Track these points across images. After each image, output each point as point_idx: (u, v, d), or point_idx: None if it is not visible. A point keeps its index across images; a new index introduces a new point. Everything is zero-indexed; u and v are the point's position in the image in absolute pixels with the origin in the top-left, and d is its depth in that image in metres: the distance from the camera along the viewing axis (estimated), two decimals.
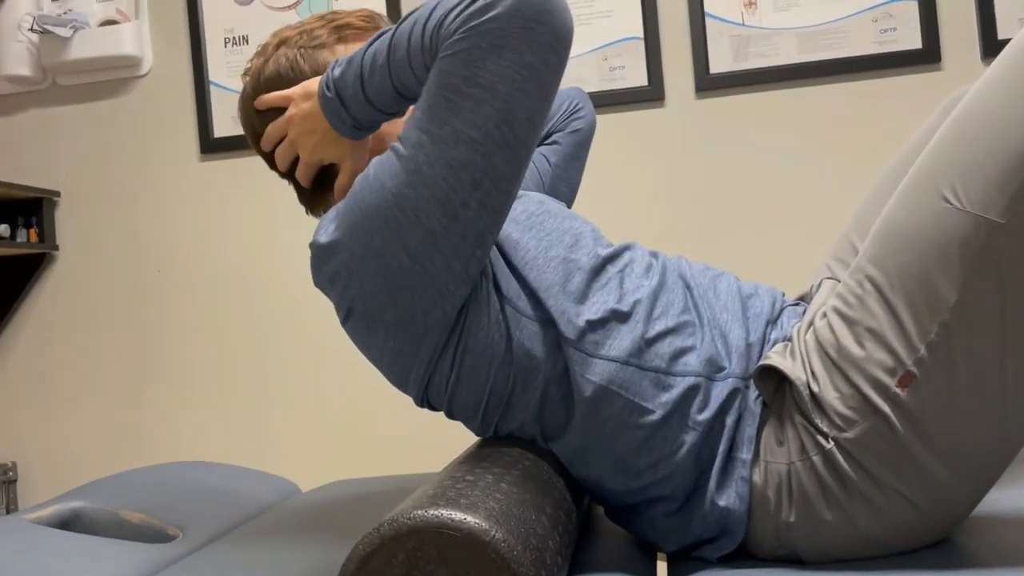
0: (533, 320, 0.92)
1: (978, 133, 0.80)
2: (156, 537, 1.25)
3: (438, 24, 0.85)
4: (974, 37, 2.09)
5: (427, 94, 0.86)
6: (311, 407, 2.35)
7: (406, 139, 0.88)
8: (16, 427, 2.48)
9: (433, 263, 0.87)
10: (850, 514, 0.84)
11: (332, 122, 0.98)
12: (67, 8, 2.42)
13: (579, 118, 1.32)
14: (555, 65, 0.85)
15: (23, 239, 2.39)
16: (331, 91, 0.96)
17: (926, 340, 0.80)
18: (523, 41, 0.82)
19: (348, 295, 0.91)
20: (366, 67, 0.93)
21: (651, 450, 0.90)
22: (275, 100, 1.04)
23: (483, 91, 0.83)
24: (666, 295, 0.95)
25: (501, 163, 0.85)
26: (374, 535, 0.68)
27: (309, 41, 1.06)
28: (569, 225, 0.99)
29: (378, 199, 0.87)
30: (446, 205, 0.85)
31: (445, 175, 0.85)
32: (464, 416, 0.97)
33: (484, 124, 0.83)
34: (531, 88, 0.84)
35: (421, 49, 0.88)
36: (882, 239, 0.85)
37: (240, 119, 1.12)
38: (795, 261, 2.13)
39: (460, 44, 0.83)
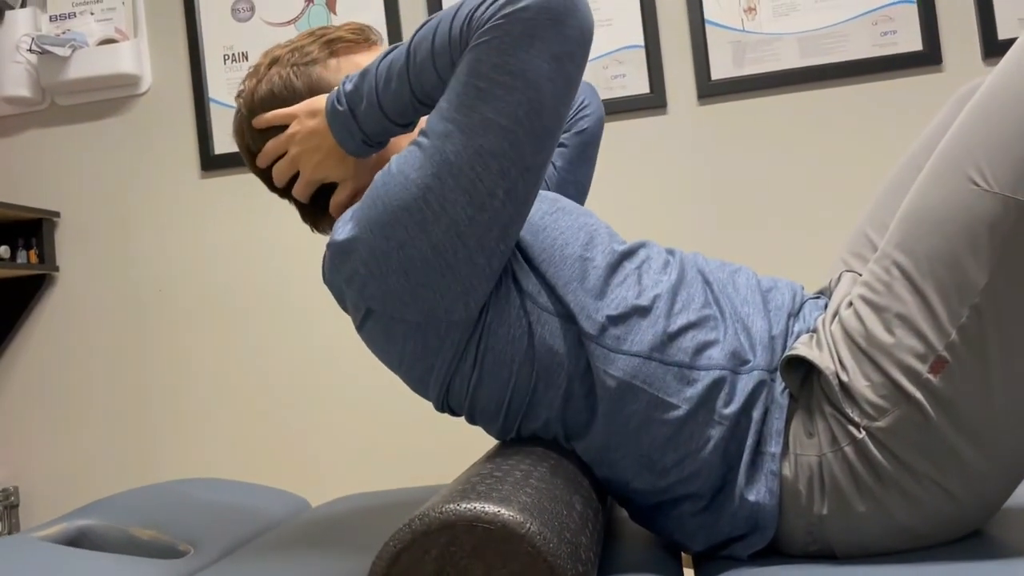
0: (554, 315, 0.90)
1: (1004, 115, 0.80)
2: (167, 553, 1.23)
3: (468, 17, 0.86)
4: (974, 38, 2.09)
5: (455, 84, 0.86)
6: (319, 423, 2.33)
7: (431, 130, 0.87)
8: (18, 450, 2.45)
9: (456, 257, 0.86)
10: (885, 505, 0.82)
11: (340, 138, 0.97)
12: (65, 28, 2.42)
13: (585, 116, 1.30)
14: (580, 60, 0.86)
15: (23, 260, 2.37)
16: (343, 104, 0.96)
17: (957, 324, 0.79)
18: (552, 33, 0.83)
19: (367, 295, 0.90)
20: (381, 75, 0.93)
21: (677, 446, 0.88)
22: (276, 118, 1.04)
23: (513, 78, 0.83)
24: (686, 290, 0.94)
25: (529, 152, 0.85)
26: (405, 531, 0.66)
27: (301, 58, 1.06)
28: (584, 222, 0.98)
29: (402, 191, 0.86)
30: (472, 195, 0.85)
31: (473, 163, 0.84)
32: (486, 418, 0.95)
33: (514, 111, 0.84)
34: (559, 79, 0.85)
35: (449, 44, 0.88)
36: (908, 224, 0.84)
37: (235, 139, 1.11)
38: (802, 264, 2.13)
39: (492, 32, 0.83)
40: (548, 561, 0.64)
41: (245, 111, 1.08)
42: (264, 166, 1.07)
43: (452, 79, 0.87)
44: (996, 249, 0.78)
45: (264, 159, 1.06)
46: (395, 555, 0.66)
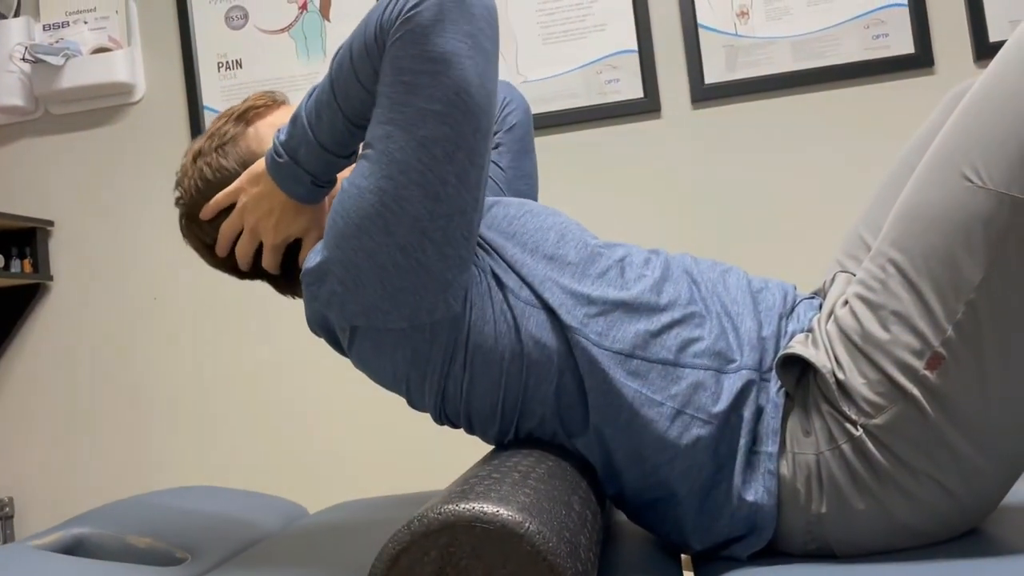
0: (537, 308, 0.91)
1: (997, 112, 0.80)
2: (164, 561, 1.22)
3: (377, 25, 0.89)
4: (966, 40, 2.10)
5: (383, 88, 0.88)
6: (315, 429, 2.32)
7: (372, 138, 0.89)
8: (12, 461, 2.44)
9: (426, 254, 0.87)
10: (883, 502, 0.82)
11: (290, 189, 0.98)
12: (59, 37, 2.41)
13: (511, 112, 1.31)
14: (492, 34, 0.89)
15: (17, 269, 2.37)
16: (282, 156, 0.97)
17: (953, 320, 0.79)
18: (459, 14, 0.86)
19: (348, 312, 0.90)
20: (311, 113, 0.95)
21: (664, 445, 0.88)
22: (222, 200, 1.04)
23: (435, 63, 0.85)
24: (671, 287, 0.94)
25: (469, 132, 0.87)
26: (404, 532, 0.66)
27: (221, 140, 1.07)
28: (553, 221, 0.99)
29: (359, 202, 0.88)
30: (426, 186, 0.86)
31: (419, 155, 0.86)
32: (482, 421, 0.95)
33: (444, 95, 0.85)
34: (478, 56, 0.87)
35: (367, 55, 0.90)
36: (903, 222, 0.84)
37: (188, 242, 1.11)
38: (796, 266, 2.13)
39: (403, 27, 0.86)
40: (548, 560, 0.64)
41: (186, 211, 1.08)
42: (224, 252, 1.07)
43: (379, 85, 0.88)
44: (991, 245, 0.78)
45: (223, 244, 1.06)
46: (395, 556, 0.66)
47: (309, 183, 0.98)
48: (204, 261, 1.12)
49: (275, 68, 2.35)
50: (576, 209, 2.23)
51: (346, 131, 0.94)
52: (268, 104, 1.10)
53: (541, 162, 2.24)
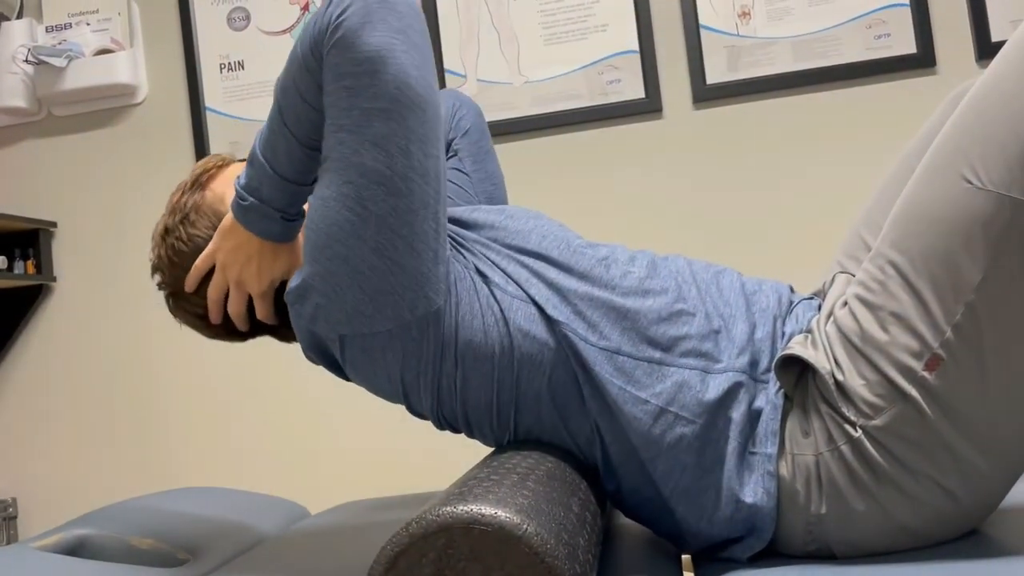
0: (525, 301, 0.92)
1: (997, 113, 0.80)
2: (166, 562, 1.22)
3: (310, 42, 0.90)
4: (968, 40, 2.10)
5: (328, 99, 0.89)
6: (317, 431, 2.32)
7: (326, 149, 0.90)
8: (16, 462, 2.45)
9: (398, 251, 0.87)
10: (883, 503, 0.82)
11: (262, 230, 0.99)
12: (61, 38, 2.42)
13: (462, 117, 1.32)
14: (421, 30, 0.90)
15: (20, 271, 2.37)
16: (246, 199, 0.98)
17: (952, 322, 0.79)
18: (386, 13, 0.87)
19: (333, 322, 0.91)
20: (266, 148, 0.96)
21: (648, 443, 0.89)
22: (201, 265, 1.04)
23: (372, 63, 0.86)
24: (657, 285, 0.94)
25: (416, 124, 0.87)
26: (402, 534, 0.66)
27: (183, 212, 1.07)
28: (535, 224, 1.00)
29: (325, 212, 0.89)
30: (386, 184, 0.87)
31: (373, 154, 0.87)
32: (479, 420, 0.95)
33: (385, 91, 0.86)
34: (411, 49, 0.88)
35: (308, 74, 0.91)
36: (902, 223, 0.84)
37: (181, 320, 1.12)
38: (798, 267, 2.13)
39: (334, 35, 0.87)
40: (546, 562, 0.64)
41: (170, 289, 1.09)
42: (218, 317, 1.07)
43: (324, 97, 0.90)
44: (990, 246, 0.78)
45: (214, 309, 1.06)
46: (393, 559, 0.66)
47: (279, 219, 0.98)
48: (203, 336, 1.12)
49: (277, 69, 2.35)
50: (577, 209, 2.23)
51: (304, 156, 0.95)
52: (219, 164, 1.11)
53: (544, 163, 2.25)
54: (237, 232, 1.00)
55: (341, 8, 0.88)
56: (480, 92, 2.25)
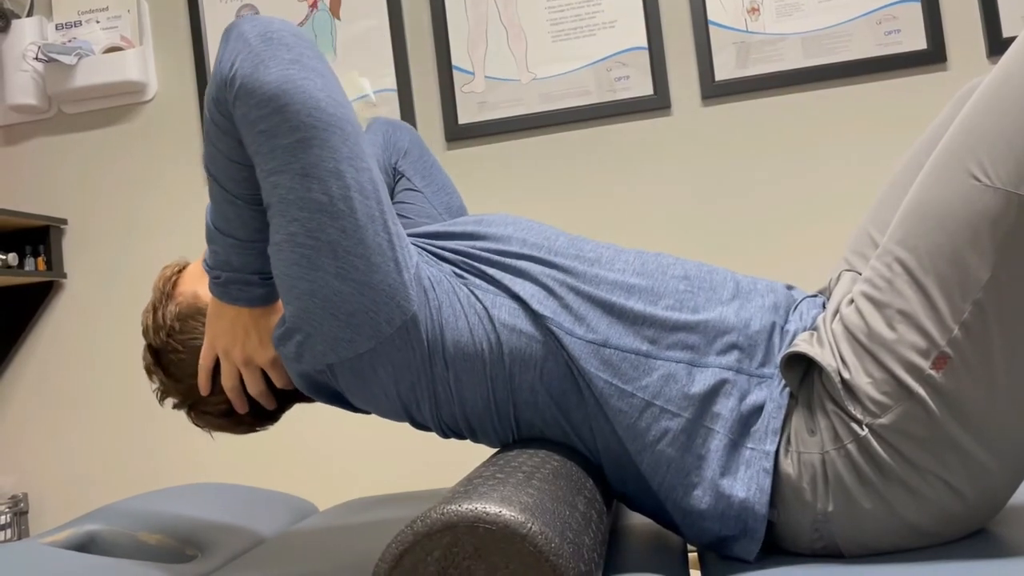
0: (507, 297, 0.92)
1: (1005, 111, 0.79)
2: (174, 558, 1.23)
3: (214, 105, 0.91)
4: (979, 36, 2.09)
5: (249, 149, 0.90)
6: (326, 427, 2.33)
7: (265, 197, 0.91)
8: (27, 457, 2.46)
9: (359, 270, 0.88)
10: (890, 502, 0.82)
11: (246, 298, 0.99)
12: (71, 36, 2.43)
13: (398, 140, 1.31)
14: (314, 54, 0.91)
15: (31, 268, 2.38)
16: (220, 276, 0.99)
17: (959, 320, 0.79)
18: (273, 49, 0.88)
19: (318, 354, 0.92)
20: (218, 220, 0.97)
21: (635, 436, 0.89)
22: (205, 363, 1.05)
23: (276, 99, 0.86)
24: (645, 281, 0.94)
25: (339, 143, 0.88)
26: (407, 532, 0.66)
27: (167, 328, 1.07)
28: (514, 229, 1.00)
29: (280, 257, 0.90)
30: (326, 210, 0.87)
31: (307, 185, 0.87)
32: (480, 420, 0.95)
33: (298, 122, 0.87)
34: (310, 74, 0.88)
35: (225, 134, 0.92)
36: (910, 221, 0.84)
37: (209, 428, 1.12)
38: (806, 264, 2.12)
39: (232, 88, 0.88)
40: (551, 561, 0.64)
41: (188, 402, 1.10)
42: (244, 406, 1.07)
43: (248, 151, 0.90)
44: (998, 244, 0.78)
45: (236, 400, 1.06)
46: (397, 556, 0.66)
47: (258, 281, 0.99)
48: (237, 434, 1.13)
49: None
50: (586, 206, 2.23)
51: (255, 215, 0.95)
52: (176, 271, 1.12)
53: (552, 160, 2.25)
54: (225, 312, 1.01)
55: (231, 61, 0.89)
56: (488, 89, 2.25)
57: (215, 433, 1.24)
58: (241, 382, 1.05)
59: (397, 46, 2.30)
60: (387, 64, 2.31)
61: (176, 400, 1.11)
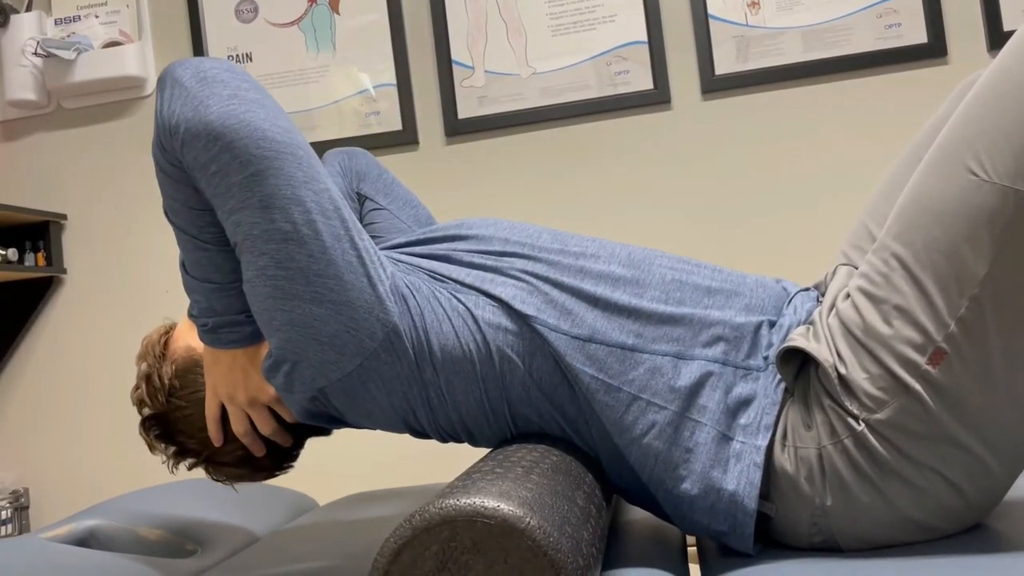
0: (488, 298, 0.92)
1: (1003, 106, 0.79)
2: (175, 552, 1.23)
3: (163, 156, 0.91)
4: (979, 29, 2.08)
5: (206, 192, 0.89)
6: None
7: (230, 237, 0.90)
8: (27, 453, 2.47)
9: (333, 291, 0.88)
10: (887, 496, 0.82)
11: (237, 339, 0.99)
12: (70, 31, 2.43)
13: (354, 165, 1.30)
14: (251, 85, 0.91)
15: (31, 263, 2.38)
16: (207, 324, 0.98)
17: (956, 315, 0.79)
18: (208, 88, 0.88)
19: (307, 382, 0.92)
20: (193, 268, 0.96)
21: (622, 430, 0.89)
22: (212, 413, 1.05)
23: (222, 137, 0.86)
24: (631, 274, 0.94)
25: (293, 168, 0.88)
26: (405, 527, 0.66)
27: (164, 388, 1.07)
28: (494, 231, 1.00)
29: (255, 292, 0.90)
30: (292, 238, 0.87)
31: (269, 217, 0.87)
32: (476, 421, 0.95)
33: (247, 156, 0.86)
34: (252, 106, 0.88)
35: (179, 184, 0.92)
36: (907, 215, 0.84)
37: (233, 478, 1.11)
38: (806, 258, 2.12)
39: (176, 136, 0.88)
40: (549, 555, 0.64)
41: (204, 456, 1.09)
42: (261, 450, 1.07)
43: (205, 195, 0.90)
44: (995, 239, 0.78)
45: (252, 444, 1.06)
46: (396, 551, 0.66)
47: (245, 320, 0.98)
48: (258, 481, 1.13)
49: (285, 61, 2.35)
50: (585, 201, 2.23)
51: (226, 258, 0.95)
52: (162, 333, 1.11)
53: (552, 154, 2.25)
54: (220, 358, 1.01)
55: (169, 109, 0.88)
56: (488, 83, 2.25)
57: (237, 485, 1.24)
58: (253, 425, 1.04)
59: (396, 40, 2.30)
60: (386, 59, 2.30)
61: (191, 459, 1.10)
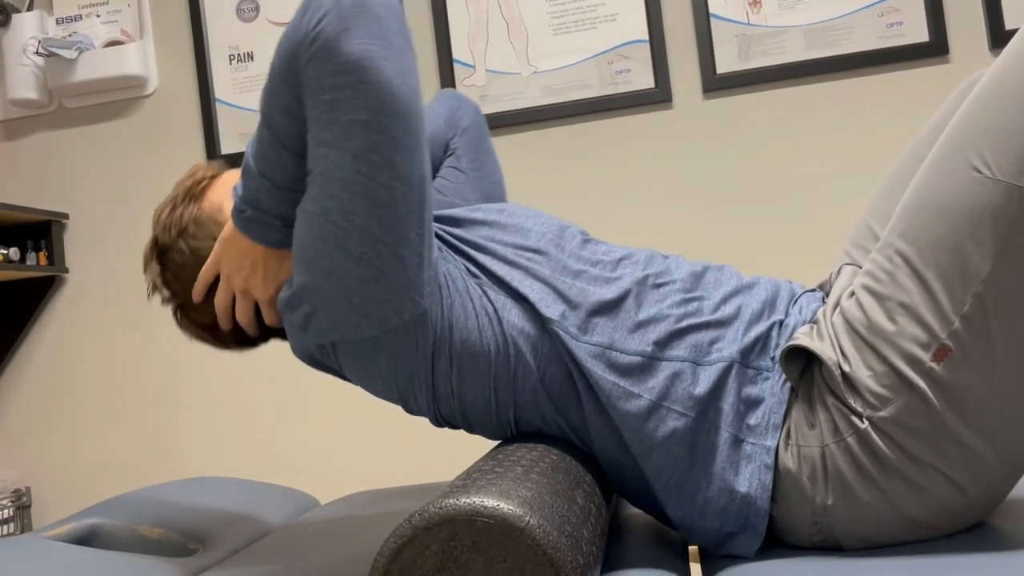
0: (517, 300, 0.92)
1: (1007, 103, 0.79)
2: (176, 551, 1.23)
3: (288, 54, 0.88)
4: (981, 28, 2.08)
5: (310, 112, 0.87)
6: (327, 421, 2.33)
7: (311, 162, 0.89)
8: (29, 452, 2.47)
9: (383, 259, 0.87)
10: (889, 495, 0.82)
11: (264, 238, 0.98)
12: (72, 31, 2.43)
13: (461, 116, 1.29)
14: (401, 32, 0.87)
15: (32, 262, 2.38)
16: (246, 210, 0.97)
17: (960, 312, 0.79)
18: (363, 19, 0.84)
19: (323, 330, 0.92)
20: (258, 158, 0.94)
21: (643, 437, 0.88)
22: (206, 275, 1.03)
23: (352, 73, 0.84)
24: (651, 281, 0.94)
25: (400, 133, 0.86)
26: (406, 527, 0.66)
27: (181, 226, 1.06)
28: (533, 223, 0.99)
29: (308, 226, 0.89)
30: (370, 197, 0.86)
31: (356, 168, 0.85)
32: (479, 416, 0.95)
33: (367, 102, 0.84)
34: (392, 54, 0.85)
35: (286, 87, 0.89)
36: (911, 213, 0.83)
37: (190, 334, 1.10)
38: (808, 257, 2.12)
39: (311, 48, 0.85)
40: (549, 554, 0.64)
41: (177, 302, 1.08)
42: (228, 325, 1.06)
43: (306, 110, 0.88)
44: (999, 236, 0.77)
45: (223, 317, 1.05)
46: (396, 550, 0.66)
47: (280, 227, 0.97)
48: (214, 347, 1.11)
49: None
50: (586, 200, 2.22)
51: (295, 164, 0.94)
52: (207, 176, 1.09)
53: (553, 153, 2.24)
54: (239, 241, 1.00)
55: (317, 17, 0.85)
56: (489, 82, 2.25)
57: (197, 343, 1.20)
58: (233, 305, 1.04)
59: None
60: None
61: (165, 298, 1.09)
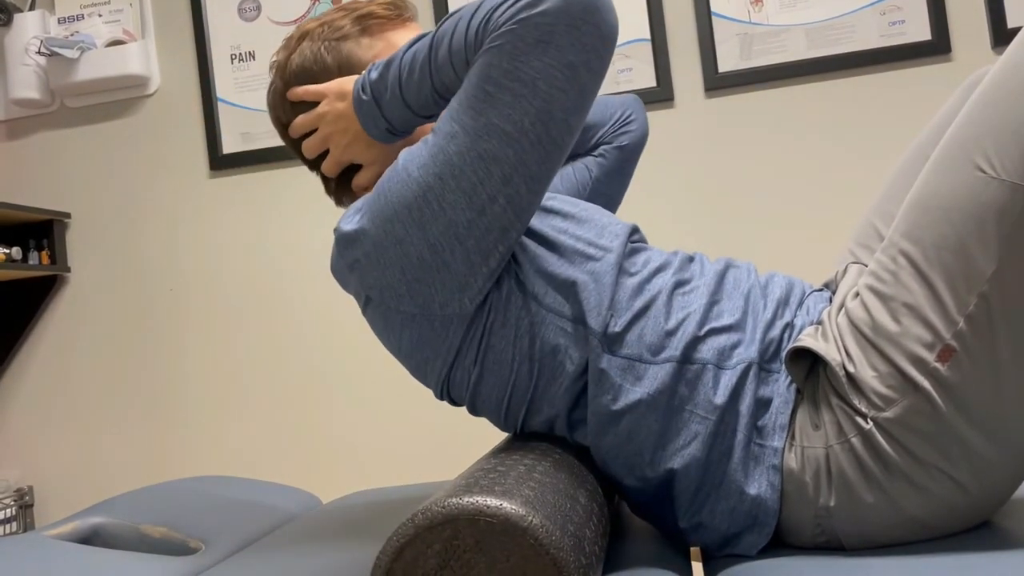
0: (559, 316, 0.90)
1: (1011, 102, 0.79)
2: (178, 550, 1.23)
3: (485, 18, 0.85)
4: (983, 27, 2.07)
5: (466, 86, 0.86)
6: (329, 420, 2.33)
7: (439, 129, 0.87)
8: (32, 450, 2.47)
9: (453, 256, 0.86)
10: (892, 496, 0.82)
11: (366, 125, 0.99)
12: (74, 30, 2.43)
13: (628, 132, 1.27)
14: (597, 69, 0.85)
15: (35, 261, 2.39)
16: (367, 94, 0.97)
17: (964, 312, 0.78)
18: (568, 40, 0.82)
19: (366, 283, 0.91)
20: (405, 67, 0.94)
21: (665, 443, 0.88)
22: (308, 94, 1.05)
23: (523, 86, 0.83)
24: (679, 289, 0.93)
25: (533, 162, 0.85)
26: (408, 525, 0.66)
27: (332, 33, 1.06)
28: (608, 220, 0.98)
29: (403, 188, 0.87)
30: (473, 198, 0.85)
31: (475, 167, 0.84)
32: (487, 410, 0.95)
33: (520, 119, 0.83)
34: (571, 89, 0.84)
35: (464, 45, 0.88)
36: (915, 213, 0.83)
37: (268, 110, 1.12)
38: (810, 257, 2.12)
39: (505, 37, 0.83)
40: (551, 554, 0.64)
41: (279, 82, 1.09)
42: (296, 137, 1.08)
43: (465, 80, 0.87)
44: (1004, 236, 0.77)
45: (295, 132, 1.07)
46: (398, 549, 0.66)
47: (384, 129, 0.98)
48: (276, 131, 1.13)
49: None
50: None
51: (431, 98, 0.94)
52: (391, 17, 1.08)
53: None
54: (349, 103, 1.01)
55: (529, 12, 0.82)
56: None
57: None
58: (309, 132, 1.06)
59: None
60: None
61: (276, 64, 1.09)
